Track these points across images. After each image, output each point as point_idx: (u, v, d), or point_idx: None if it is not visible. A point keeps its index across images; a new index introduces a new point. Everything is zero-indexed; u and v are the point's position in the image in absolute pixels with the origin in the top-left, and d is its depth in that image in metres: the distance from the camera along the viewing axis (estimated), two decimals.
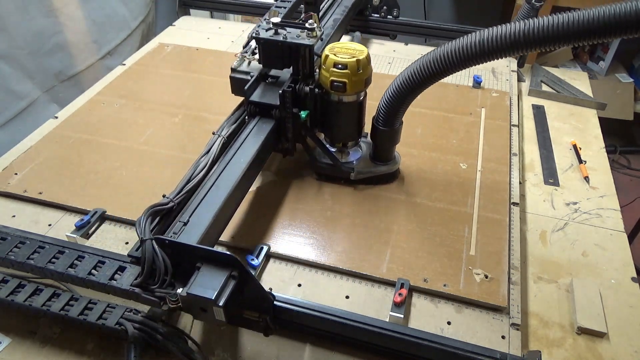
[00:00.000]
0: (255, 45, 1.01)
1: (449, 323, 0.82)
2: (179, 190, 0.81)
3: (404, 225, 0.97)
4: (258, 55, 1.01)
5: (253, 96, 1.00)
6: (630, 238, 1.89)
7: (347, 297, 0.86)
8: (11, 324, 0.81)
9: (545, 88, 1.46)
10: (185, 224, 0.77)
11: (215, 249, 0.69)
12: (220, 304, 0.64)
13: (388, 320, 0.81)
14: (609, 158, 1.22)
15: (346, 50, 0.94)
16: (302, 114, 0.97)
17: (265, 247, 0.91)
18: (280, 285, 0.87)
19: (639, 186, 2.57)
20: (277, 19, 0.96)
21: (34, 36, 1.64)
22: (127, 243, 0.95)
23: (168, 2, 2.30)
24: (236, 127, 0.98)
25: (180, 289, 0.67)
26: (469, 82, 1.42)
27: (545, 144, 1.26)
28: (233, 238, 0.94)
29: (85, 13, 1.82)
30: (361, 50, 0.94)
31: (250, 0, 1.71)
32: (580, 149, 1.23)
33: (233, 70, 1.04)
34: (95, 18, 1.87)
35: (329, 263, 0.90)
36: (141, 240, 0.69)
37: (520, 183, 1.11)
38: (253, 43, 1.04)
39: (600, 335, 0.82)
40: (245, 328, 0.77)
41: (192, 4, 1.80)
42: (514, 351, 0.78)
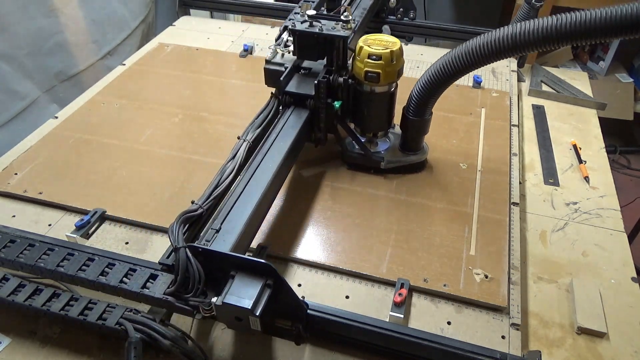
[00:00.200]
0: (287, 38, 1.04)
1: (449, 323, 0.82)
2: (207, 196, 0.80)
3: (404, 225, 0.97)
4: (292, 47, 1.03)
5: (289, 87, 1.02)
6: (630, 238, 1.89)
7: (347, 297, 0.86)
8: (11, 324, 0.81)
9: (545, 88, 1.46)
10: (217, 231, 0.76)
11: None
12: (257, 314, 0.63)
13: (388, 320, 0.81)
14: (609, 158, 1.22)
15: (380, 42, 0.97)
16: (336, 104, 1.00)
17: (265, 247, 0.91)
18: None
19: (639, 186, 2.57)
20: (312, 12, 1.00)
21: (34, 36, 1.64)
22: (127, 243, 0.95)
23: (168, 2, 2.30)
24: (261, 131, 0.97)
25: (215, 297, 0.65)
26: (469, 82, 1.42)
27: (545, 144, 1.26)
28: None
29: (85, 13, 1.82)
30: (394, 42, 0.97)
31: (250, 0, 1.70)
32: (580, 149, 1.23)
33: (267, 62, 1.05)
34: (95, 18, 1.87)
35: (329, 263, 0.90)
36: (175, 249, 0.69)
37: (520, 183, 1.11)
38: (285, 35, 1.06)
39: (600, 335, 0.82)
40: (277, 337, 0.76)
41: (192, 4, 1.80)
42: (514, 351, 0.78)
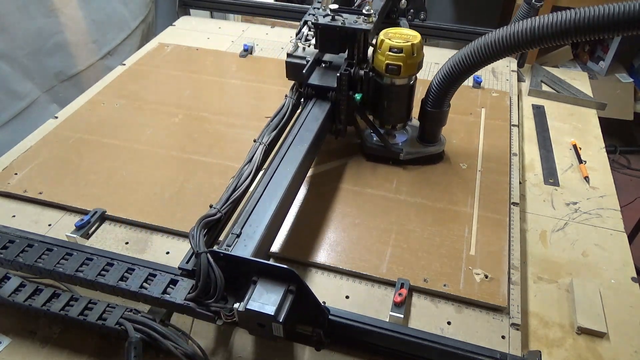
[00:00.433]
0: (308, 32, 1.05)
1: (449, 323, 0.82)
2: (225, 200, 0.80)
3: (404, 225, 0.97)
4: (314, 41, 1.04)
5: (311, 79, 1.04)
6: (630, 238, 1.89)
7: (347, 297, 0.86)
8: (11, 324, 0.81)
9: (545, 88, 1.46)
10: (238, 236, 0.75)
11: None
12: (280, 320, 0.62)
13: (388, 320, 0.81)
14: (609, 158, 1.22)
15: (400, 35, 0.98)
16: (357, 96, 1.02)
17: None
18: None
19: (639, 186, 2.57)
20: (335, 5, 1.01)
21: (34, 36, 1.64)
22: (127, 243, 0.95)
23: (168, 2, 2.30)
24: (277, 134, 0.97)
25: (237, 303, 0.65)
26: (469, 82, 1.42)
27: (545, 144, 1.26)
28: None
29: (85, 13, 1.82)
30: (414, 35, 0.98)
31: (250, 0, 1.71)
32: (580, 149, 1.23)
33: (289, 55, 1.06)
34: (95, 18, 1.87)
35: (329, 263, 0.90)
36: (196, 254, 0.68)
37: (520, 183, 1.11)
38: (305, 29, 1.07)
39: (600, 335, 0.82)
40: (298, 343, 0.76)
41: (192, 4, 1.80)
42: (514, 351, 0.77)
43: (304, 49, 1.07)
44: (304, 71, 1.02)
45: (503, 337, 0.80)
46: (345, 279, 0.89)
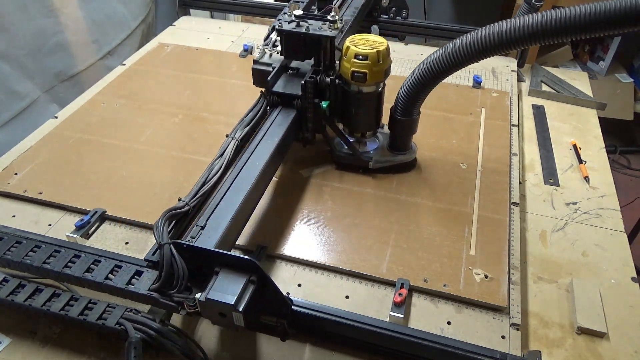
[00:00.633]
0: (276, 38, 1.04)
1: (449, 323, 0.82)
2: (194, 194, 0.81)
3: (404, 225, 0.97)
4: (280, 47, 1.03)
5: (276, 87, 1.02)
6: (630, 238, 1.89)
7: (347, 297, 0.86)
8: (11, 324, 0.81)
9: (545, 88, 1.46)
10: (202, 228, 0.76)
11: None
12: (240, 310, 0.63)
13: (388, 320, 0.81)
14: (609, 158, 1.22)
15: (366, 42, 0.96)
16: (323, 104, 1.00)
17: (264, 247, 0.91)
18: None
19: (639, 186, 2.57)
20: (299, 12, 0.99)
21: (34, 36, 1.64)
22: (127, 243, 0.95)
23: (168, 2, 2.30)
24: (250, 130, 0.97)
25: (199, 294, 0.66)
26: (469, 82, 1.42)
27: (545, 144, 1.26)
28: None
29: (85, 13, 1.82)
30: (381, 42, 0.96)
31: (250, 0, 1.70)
32: (580, 149, 1.23)
33: (255, 62, 1.05)
34: (95, 18, 1.87)
35: (329, 263, 0.90)
36: (159, 245, 0.69)
37: (520, 183, 1.11)
38: (274, 35, 1.06)
39: (600, 335, 0.82)
40: (262, 333, 0.76)
41: (192, 4, 1.80)
42: (514, 351, 0.78)
43: (271, 55, 1.06)
44: (268, 78, 1.00)
45: (503, 337, 0.80)
46: (345, 279, 0.89)
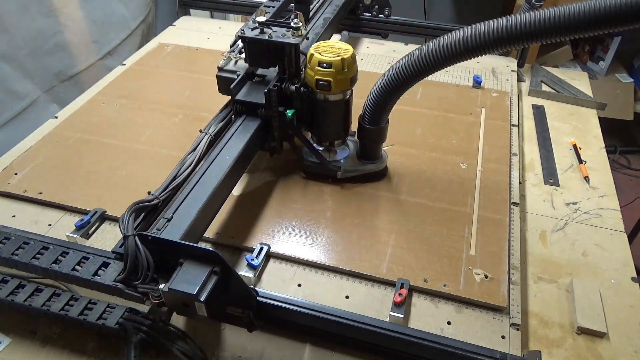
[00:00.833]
0: (242, 45, 1.01)
1: (449, 323, 0.82)
2: (165, 187, 0.82)
3: (404, 225, 0.97)
4: (244, 54, 1.01)
5: (239, 95, 1.00)
6: (630, 238, 1.89)
7: (347, 297, 0.86)
8: (11, 324, 0.81)
9: (545, 88, 1.46)
10: (168, 221, 0.78)
11: (206, 247, 0.69)
12: (202, 299, 0.64)
13: (388, 320, 0.81)
14: (609, 158, 1.22)
15: (332, 49, 0.94)
16: (288, 112, 0.98)
17: (265, 247, 0.91)
18: (280, 285, 0.87)
19: (639, 186, 2.58)
20: (263, 18, 0.97)
21: (34, 36, 1.64)
22: None
23: (168, 2, 2.30)
24: (223, 125, 0.98)
25: (163, 284, 0.67)
26: (469, 82, 1.42)
27: (545, 144, 1.26)
28: (233, 238, 0.94)
29: (85, 13, 1.82)
30: (346, 49, 0.94)
31: (250, 0, 1.71)
32: (580, 149, 1.23)
33: (220, 69, 1.04)
34: (95, 18, 1.87)
35: (329, 263, 0.90)
36: (124, 237, 0.70)
37: (520, 183, 1.11)
38: (240, 42, 1.04)
39: (600, 335, 0.83)
40: (228, 324, 0.77)
41: (192, 4, 1.80)
42: (514, 351, 0.78)
43: (237, 62, 1.04)
44: (231, 86, 0.99)
45: (503, 337, 0.80)
46: (345, 279, 0.89)
